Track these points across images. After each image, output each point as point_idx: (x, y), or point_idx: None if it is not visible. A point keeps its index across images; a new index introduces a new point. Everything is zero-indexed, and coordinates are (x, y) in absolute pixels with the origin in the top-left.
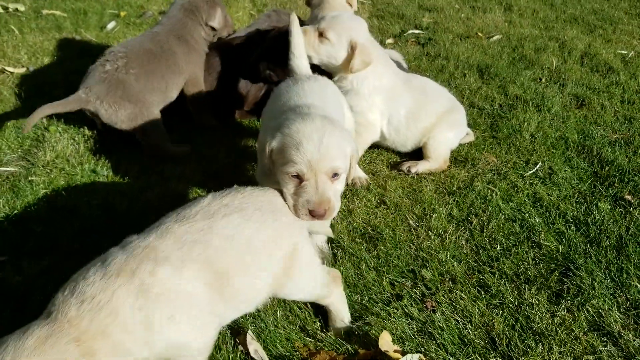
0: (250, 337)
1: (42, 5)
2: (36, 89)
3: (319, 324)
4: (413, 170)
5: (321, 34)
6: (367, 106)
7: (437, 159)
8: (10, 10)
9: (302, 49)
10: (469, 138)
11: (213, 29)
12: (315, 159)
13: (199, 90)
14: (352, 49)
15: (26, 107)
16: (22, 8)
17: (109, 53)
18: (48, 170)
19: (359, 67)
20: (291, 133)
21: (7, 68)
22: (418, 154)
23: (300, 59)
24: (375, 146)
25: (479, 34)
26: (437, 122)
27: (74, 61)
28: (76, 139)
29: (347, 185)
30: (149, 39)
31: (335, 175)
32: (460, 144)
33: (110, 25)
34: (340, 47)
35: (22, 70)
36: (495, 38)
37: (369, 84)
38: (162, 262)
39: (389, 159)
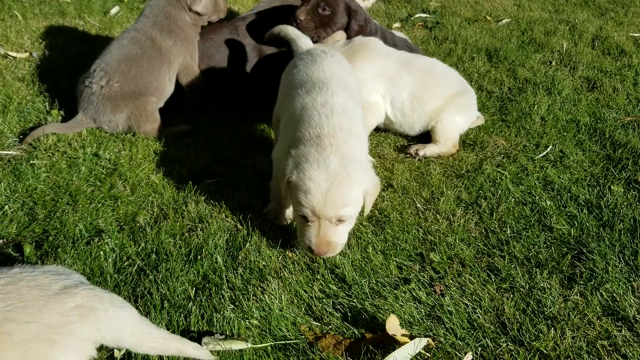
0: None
1: None
2: (39, 73)
3: (325, 306)
4: (421, 153)
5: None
6: (366, 89)
7: (446, 142)
8: None
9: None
10: (478, 121)
11: (198, 14)
12: (319, 207)
13: (193, 77)
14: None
15: (29, 92)
16: None
17: (92, 72)
18: (50, 154)
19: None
20: (304, 178)
21: (10, 53)
22: (427, 137)
23: (303, 38)
24: (382, 129)
25: (487, 17)
26: (446, 105)
27: (76, 46)
28: None
29: None
30: (129, 41)
31: (341, 220)
32: (470, 128)
33: (114, 10)
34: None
35: (25, 55)
36: (504, 21)
37: (366, 69)
38: None
39: (396, 142)
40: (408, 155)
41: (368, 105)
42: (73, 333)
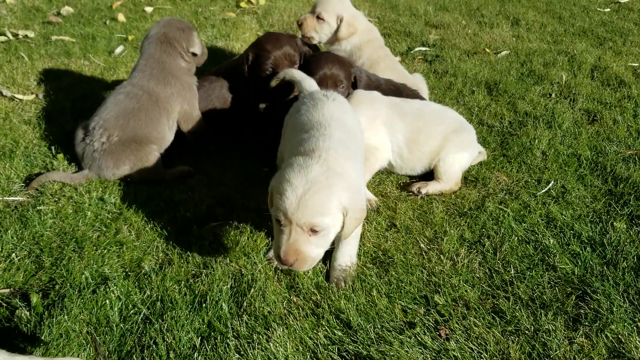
0: None
1: (52, 31)
2: (45, 116)
3: (330, 354)
4: (423, 191)
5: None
6: (369, 133)
7: (448, 180)
8: (20, 37)
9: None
10: (481, 157)
11: (194, 54)
12: (292, 210)
13: (193, 123)
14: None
15: (35, 134)
16: (31, 34)
17: (92, 130)
18: (56, 199)
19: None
20: (282, 179)
21: (16, 95)
22: (429, 175)
23: (308, 80)
24: (384, 169)
25: (487, 49)
26: (444, 143)
27: (82, 87)
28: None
29: None
30: (125, 96)
31: (315, 231)
32: (472, 164)
33: (119, 49)
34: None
35: (31, 97)
36: (503, 54)
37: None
38: None
39: (398, 180)
40: (410, 194)
41: (373, 149)
42: None
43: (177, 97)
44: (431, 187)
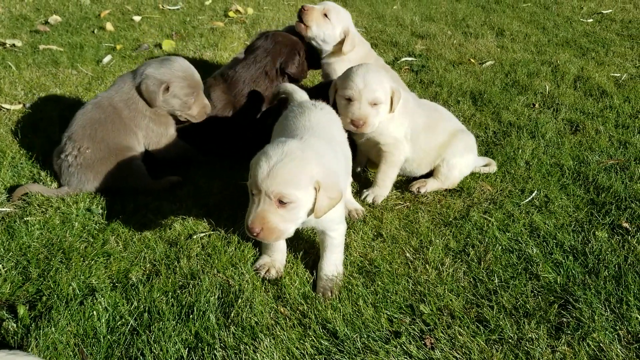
0: None
1: (39, 40)
2: (32, 126)
3: (317, 357)
4: (422, 190)
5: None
6: (395, 125)
7: (446, 181)
8: (8, 46)
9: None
10: (491, 168)
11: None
12: (262, 178)
13: (162, 148)
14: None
15: (23, 145)
16: (19, 43)
17: (63, 145)
18: (43, 210)
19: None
20: (260, 154)
21: (3, 105)
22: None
23: (299, 92)
24: (369, 178)
25: (472, 60)
26: (452, 140)
27: (69, 97)
28: None
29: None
30: (92, 106)
31: (282, 202)
32: (482, 173)
33: (107, 58)
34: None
35: (19, 107)
36: (487, 64)
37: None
38: None
39: None
40: (411, 191)
41: (396, 141)
42: None
43: (140, 122)
44: (429, 186)
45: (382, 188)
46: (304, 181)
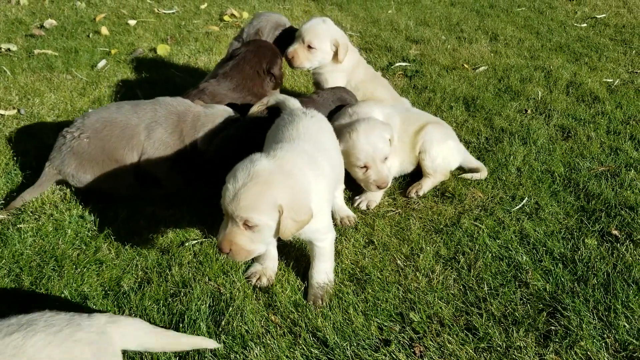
0: None
1: (34, 44)
2: (26, 132)
3: None
4: (420, 193)
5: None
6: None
7: (436, 174)
8: (3, 50)
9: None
10: (482, 174)
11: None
12: (227, 203)
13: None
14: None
15: (17, 151)
16: (14, 48)
17: (72, 124)
18: (37, 217)
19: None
20: (230, 175)
21: None
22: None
23: (291, 99)
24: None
25: (465, 65)
26: (425, 128)
27: (64, 102)
28: (64, 184)
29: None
30: (117, 106)
31: (248, 225)
32: (471, 179)
33: (101, 63)
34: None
35: (13, 113)
36: (481, 69)
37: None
38: None
39: None
40: (410, 198)
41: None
42: None
43: (156, 146)
44: (425, 186)
45: (374, 193)
46: (265, 206)
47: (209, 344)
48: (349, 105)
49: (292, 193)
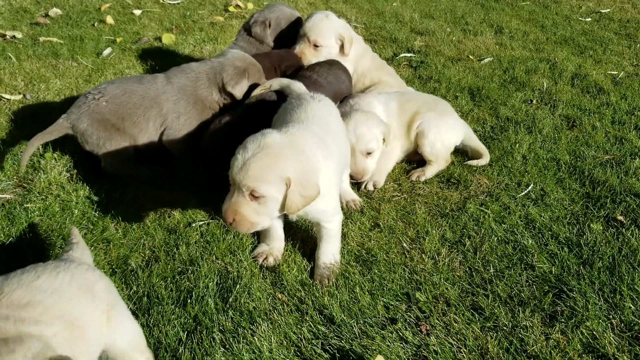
0: None
1: (40, 32)
2: (32, 116)
3: (314, 348)
4: (422, 178)
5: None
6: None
7: (437, 159)
8: (8, 37)
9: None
10: (484, 160)
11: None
12: (235, 172)
13: (174, 143)
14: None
15: (22, 134)
16: (19, 35)
17: (97, 86)
18: (43, 197)
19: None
20: (240, 146)
21: (3, 95)
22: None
23: (296, 83)
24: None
25: (470, 56)
26: (422, 109)
27: (69, 88)
28: (71, 165)
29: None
30: (141, 77)
31: (254, 195)
32: (474, 165)
33: (107, 51)
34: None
35: (19, 97)
36: (486, 60)
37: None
38: None
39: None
40: (412, 181)
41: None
42: None
43: (179, 106)
44: (428, 172)
45: (379, 173)
46: (273, 177)
47: None
48: (351, 96)
49: (301, 168)
